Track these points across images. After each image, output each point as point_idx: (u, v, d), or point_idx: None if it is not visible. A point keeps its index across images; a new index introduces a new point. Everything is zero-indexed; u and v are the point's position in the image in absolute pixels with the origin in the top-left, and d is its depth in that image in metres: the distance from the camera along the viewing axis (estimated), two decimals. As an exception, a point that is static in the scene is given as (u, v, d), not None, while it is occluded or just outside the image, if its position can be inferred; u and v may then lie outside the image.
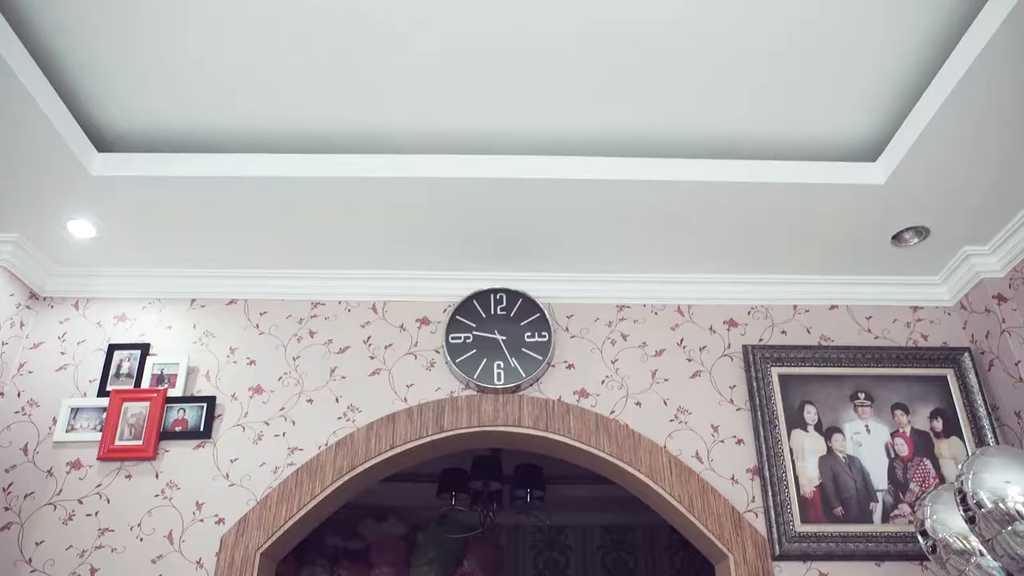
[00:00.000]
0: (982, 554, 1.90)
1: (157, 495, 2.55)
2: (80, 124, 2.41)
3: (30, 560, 2.44)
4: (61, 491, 2.55)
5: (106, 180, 2.46)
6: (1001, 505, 1.68)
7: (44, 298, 2.91)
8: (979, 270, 2.75)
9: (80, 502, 2.54)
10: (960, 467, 1.82)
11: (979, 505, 1.72)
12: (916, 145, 2.28)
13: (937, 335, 2.88)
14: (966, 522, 1.79)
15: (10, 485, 2.56)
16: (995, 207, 2.55)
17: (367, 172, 2.45)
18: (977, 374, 2.72)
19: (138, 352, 2.78)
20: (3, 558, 2.44)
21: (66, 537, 2.48)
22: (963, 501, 1.77)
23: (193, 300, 2.94)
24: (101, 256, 2.85)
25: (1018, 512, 1.67)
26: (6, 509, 2.52)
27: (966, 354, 2.76)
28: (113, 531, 2.49)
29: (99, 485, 2.56)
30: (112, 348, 2.78)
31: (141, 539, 2.48)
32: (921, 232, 2.68)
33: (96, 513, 2.52)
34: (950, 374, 2.75)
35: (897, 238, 2.72)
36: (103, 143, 2.50)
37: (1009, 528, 1.68)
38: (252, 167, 2.46)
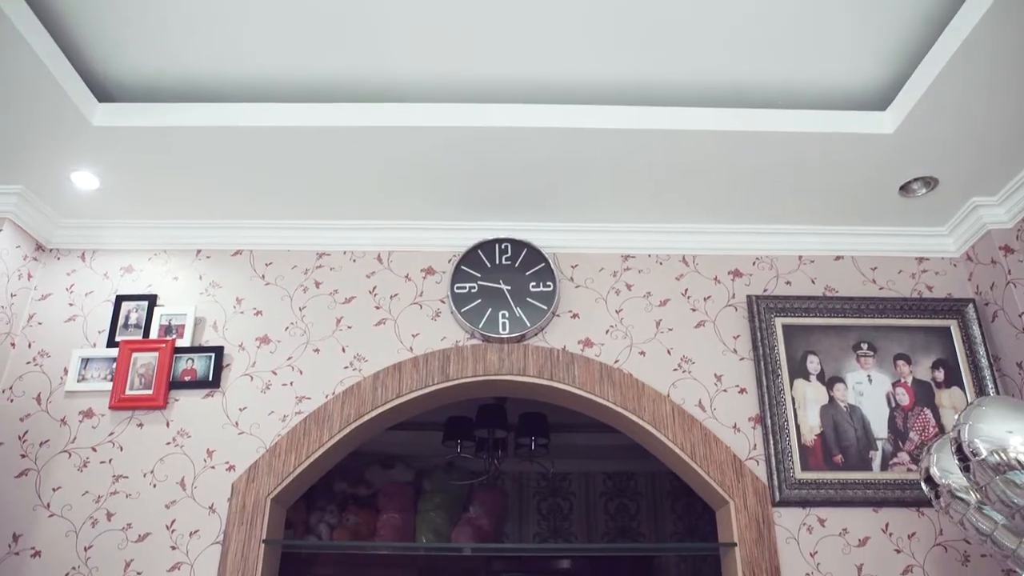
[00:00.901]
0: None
1: (168, 443, 2.60)
2: (80, 74, 2.38)
3: (48, 505, 2.51)
4: (75, 439, 2.60)
5: (108, 131, 2.44)
6: (1001, 455, 1.71)
7: (51, 250, 2.93)
8: (986, 221, 2.73)
9: (94, 450, 2.59)
10: (957, 416, 1.84)
11: (974, 453, 1.75)
12: (927, 94, 2.24)
13: (942, 286, 2.88)
14: (961, 470, 1.82)
15: (25, 433, 2.61)
16: (1005, 158, 2.52)
17: (372, 121, 2.43)
18: (980, 325, 2.73)
19: (145, 303, 2.80)
20: (22, 503, 2.51)
21: (82, 483, 2.54)
22: (959, 450, 1.79)
23: (199, 251, 2.94)
24: (106, 207, 2.85)
25: (1019, 461, 1.69)
26: (22, 456, 2.58)
27: (970, 305, 2.77)
28: (127, 477, 2.55)
29: (112, 433, 2.61)
30: (120, 299, 2.80)
31: (154, 485, 2.54)
32: (929, 182, 2.65)
33: (110, 460, 2.57)
34: (953, 325, 2.76)
35: (905, 188, 2.69)
36: (105, 93, 2.48)
37: (1003, 476, 1.70)
38: (256, 117, 2.44)
